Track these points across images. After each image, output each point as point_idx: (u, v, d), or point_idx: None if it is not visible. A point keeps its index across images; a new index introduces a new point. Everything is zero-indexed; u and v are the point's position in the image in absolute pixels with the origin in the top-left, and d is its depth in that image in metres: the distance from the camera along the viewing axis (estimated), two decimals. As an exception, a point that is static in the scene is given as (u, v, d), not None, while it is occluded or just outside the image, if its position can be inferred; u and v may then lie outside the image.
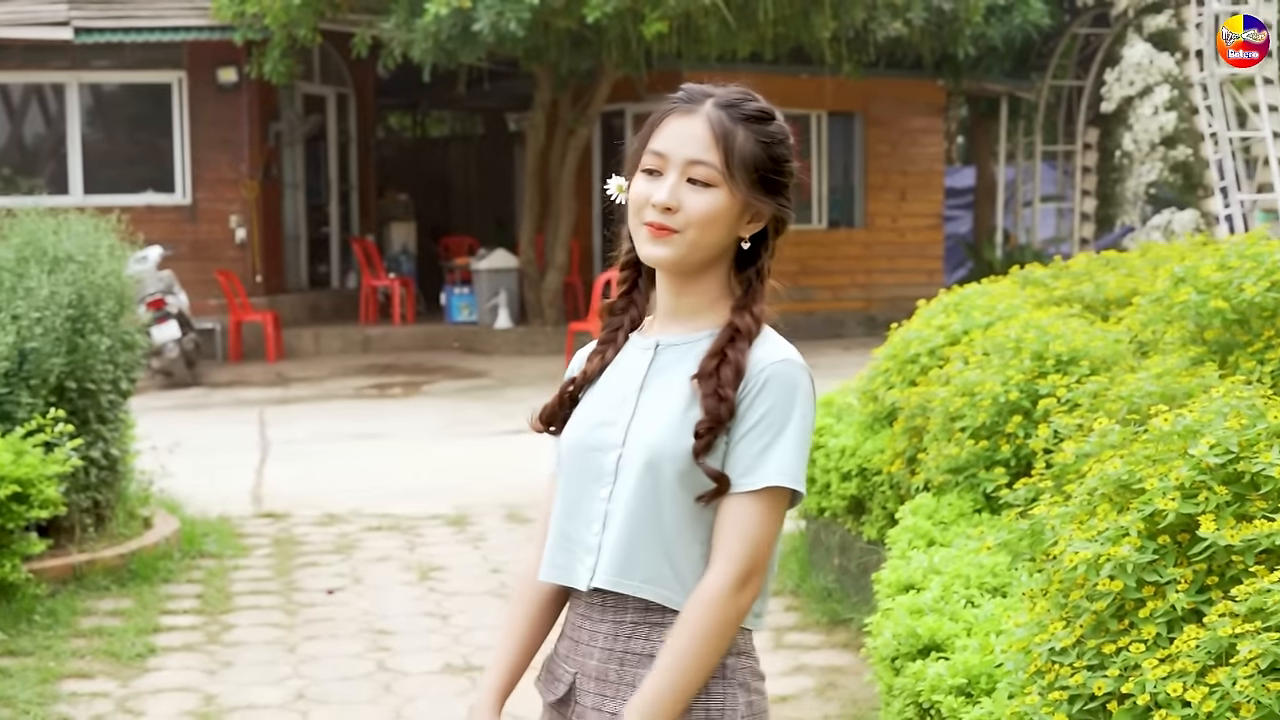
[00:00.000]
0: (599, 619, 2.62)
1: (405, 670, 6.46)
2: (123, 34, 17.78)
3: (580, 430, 2.69)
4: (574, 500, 2.66)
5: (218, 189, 18.87)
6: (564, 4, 15.45)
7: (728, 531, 2.54)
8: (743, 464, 2.54)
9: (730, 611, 2.53)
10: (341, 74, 21.01)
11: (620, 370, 2.72)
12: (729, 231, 2.63)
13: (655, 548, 2.58)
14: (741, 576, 2.53)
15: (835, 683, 6.22)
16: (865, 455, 6.78)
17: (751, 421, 2.55)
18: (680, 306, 2.67)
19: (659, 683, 2.52)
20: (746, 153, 2.61)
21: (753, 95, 2.72)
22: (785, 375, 2.59)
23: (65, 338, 7.75)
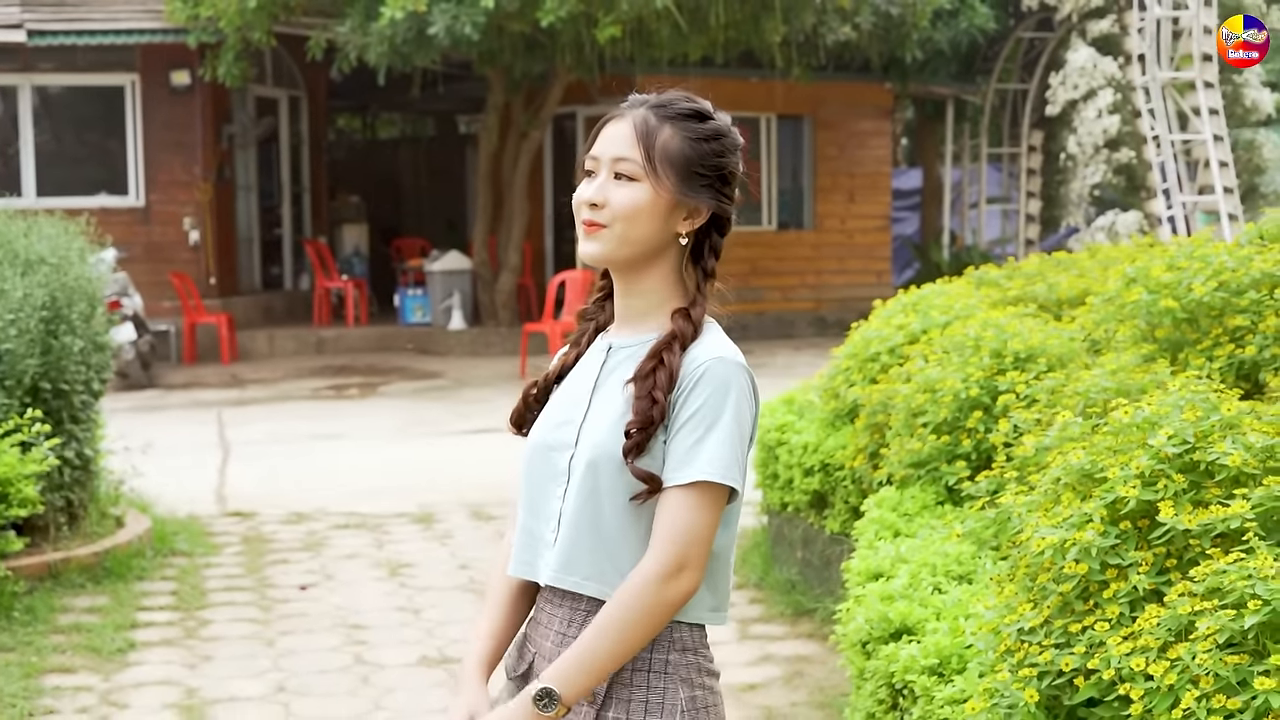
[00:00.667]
0: (557, 605, 2.71)
1: (382, 663, 6.62)
2: (76, 36, 17.84)
3: (542, 431, 2.77)
4: (535, 498, 2.75)
5: (171, 191, 18.93)
6: (518, 8, 15.61)
7: (661, 524, 2.59)
8: (675, 459, 2.60)
9: (655, 599, 2.57)
10: (293, 76, 21.10)
11: (579, 372, 2.80)
12: (659, 226, 2.68)
13: (596, 546, 2.65)
14: (671, 567, 2.57)
15: (802, 671, 6.41)
16: (827, 451, 6.98)
17: (684, 418, 2.60)
18: (631, 308, 2.75)
19: (575, 653, 2.58)
20: (672, 148, 2.69)
21: (689, 97, 2.81)
22: (718, 372, 2.63)
23: (39, 339, 7.86)
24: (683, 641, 2.66)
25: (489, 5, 15.20)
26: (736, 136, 2.80)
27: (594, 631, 2.59)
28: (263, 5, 16.37)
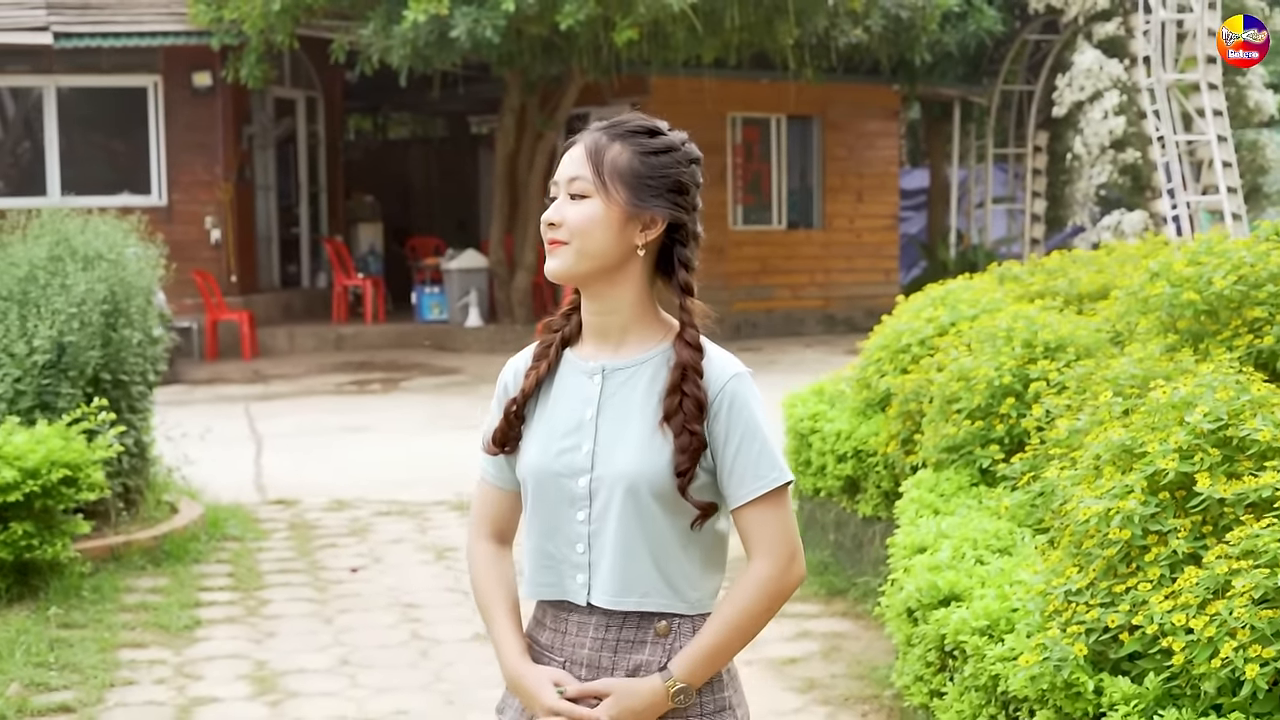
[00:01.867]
0: (586, 615, 2.81)
1: (438, 639, 6.95)
2: (101, 39, 18.16)
3: (543, 457, 2.83)
4: (550, 523, 2.83)
5: (193, 191, 19.26)
6: (537, 11, 15.93)
7: (763, 532, 2.77)
8: (746, 474, 2.76)
9: (782, 587, 2.78)
10: (310, 78, 21.41)
11: (569, 395, 2.85)
12: (614, 238, 2.76)
13: (648, 564, 2.77)
14: (785, 561, 2.78)
15: (838, 646, 6.75)
16: (860, 438, 7.32)
17: (737, 438, 2.76)
18: (604, 324, 2.83)
19: (702, 651, 2.75)
20: (620, 163, 2.76)
21: (643, 118, 2.86)
22: (743, 390, 2.79)
23: (100, 332, 8.20)
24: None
25: (509, 9, 15.53)
26: (691, 150, 2.86)
27: (720, 628, 2.76)
28: (286, 8, 16.70)
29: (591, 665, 2.79)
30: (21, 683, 6.18)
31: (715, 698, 2.81)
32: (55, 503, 7.28)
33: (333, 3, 16.80)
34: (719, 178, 20.66)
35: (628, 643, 2.79)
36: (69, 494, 7.31)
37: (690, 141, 2.87)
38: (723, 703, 2.82)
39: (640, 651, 2.78)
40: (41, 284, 8.32)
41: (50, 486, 7.21)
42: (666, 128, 2.85)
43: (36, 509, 7.24)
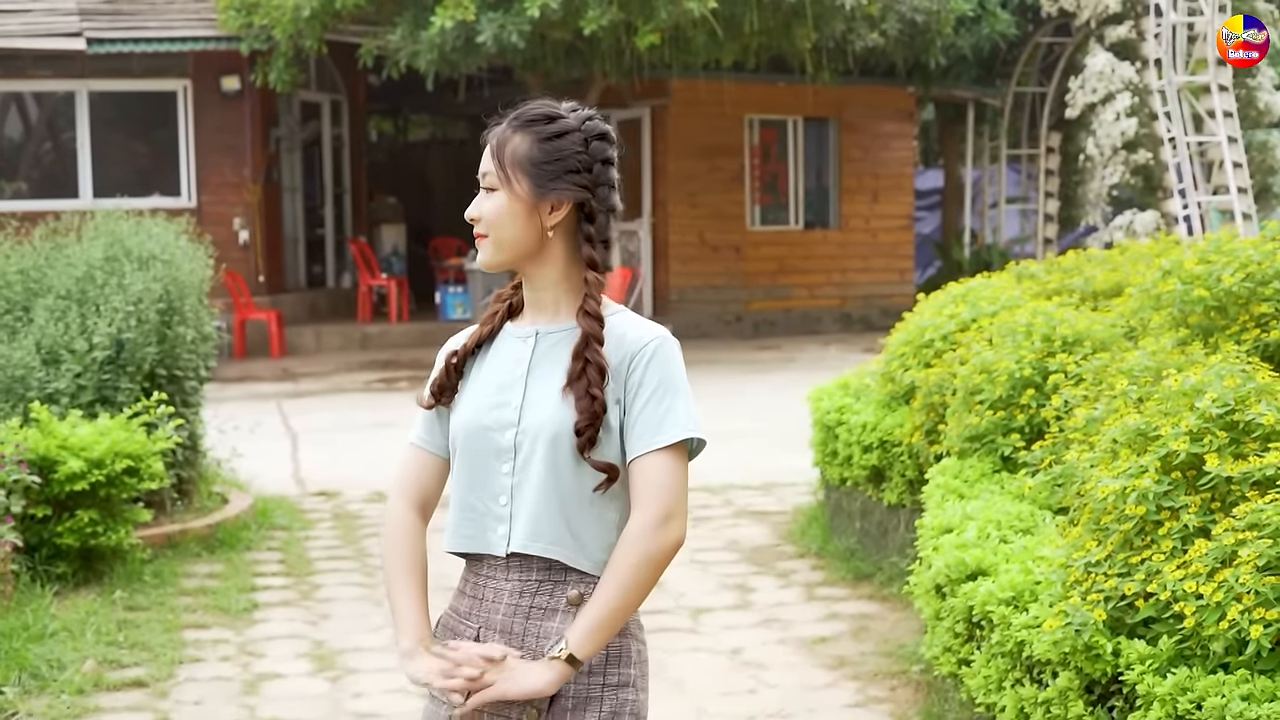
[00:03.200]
0: (504, 578, 2.92)
1: (485, 619, 7.30)
2: (133, 44, 18.53)
3: (474, 412, 2.95)
4: (475, 475, 2.93)
5: (221, 192, 19.64)
6: (561, 17, 16.28)
7: (646, 484, 2.84)
8: (650, 426, 2.85)
9: (653, 547, 2.82)
10: (335, 81, 21.79)
11: (503, 357, 2.98)
12: (524, 225, 2.89)
13: (557, 514, 2.86)
14: (660, 517, 2.81)
15: (866, 626, 7.10)
16: (885, 429, 7.67)
17: (649, 390, 2.86)
18: (539, 299, 2.96)
19: (594, 611, 2.82)
20: (520, 153, 2.88)
21: (544, 104, 2.97)
22: (667, 348, 2.89)
23: (156, 329, 8.57)
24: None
25: (534, 14, 15.89)
26: (593, 128, 2.94)
27: (605, 588, 2.83)
28: (315, 14, 17.08)
29: (504, 631, 2.89)
30: (95, 659, 6.55)
31: (620, 672, 2.89)
32: (118, 492, 7.66)
33: (360, 9, 17.15)
34: (737, 178, 21.03)
35: (540, 610, 2.87)
36: (131, 484, 7.69)
37: (595, 118, 2.95)
38: (626, 678, 2.90)
39: (551, 619, 2.86)
40: (99, 283, 8.69)
41: (114, 476, 7.58)
42: (568, 109, 2.95)
43: (101, 498, 7.62)
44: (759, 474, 10.68)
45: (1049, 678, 4.32)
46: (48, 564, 7.53)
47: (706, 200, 20.81)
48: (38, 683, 6.26)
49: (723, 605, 7.57)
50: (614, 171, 2.96)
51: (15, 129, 20.38)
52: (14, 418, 7.90)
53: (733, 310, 21.08)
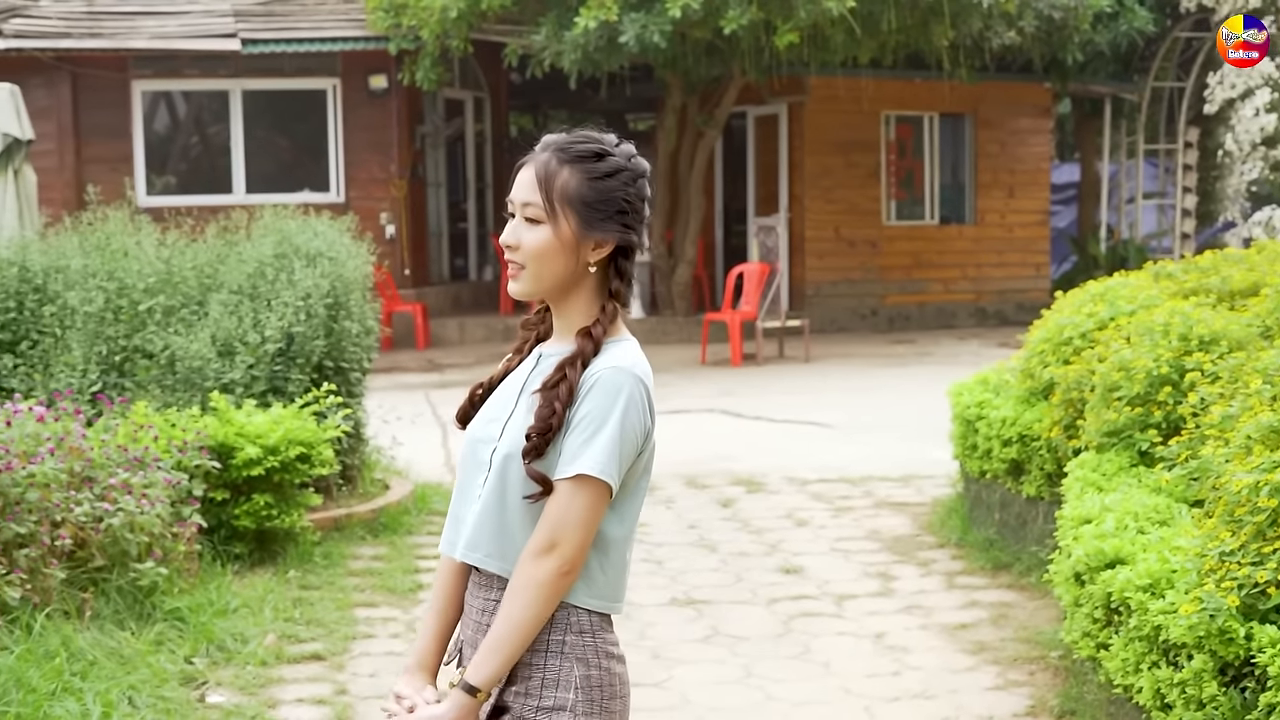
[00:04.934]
0: (475, 594, 2.98)
1: (639, 603, 7.67)
2: (285, 45, 19.14)
3: (475, 426, 3.05)
4: (464, 485, 3.02)
5: (369, 188, 20.20)
6: (701, 17, 16.58)
7: (545, 511, 2.86)
8: (567, 455, 2.85)
9: (528, 574, 2.83)
10: (478, 79, 22.28)
11: (514, 376, 3.06)
12: (567, 260, 2.92)
13: (499, 529, 2.91)
14: (541, 546, 2.83)
15: (1006, 614, 7.36)
16: (1025, 424, 7.92)
17: (578, 419, 2.85)
18: (561, 326, 3.00)
19: (486, 639, 2.88)
20: (570, 190, 2.90)
21: (590, 137, 2.97)
22: (610, 380, 2.87)
23: (324, 323, 9.02)
24: (579, 625, 2.91)
25: (675, 14, 16.21)
26: (637, 166, 2.97)
27: (498, 616, 2.87)
28: (462, 15, 17.54)
29: (471, 645, 2.98)
30: (276, 634, 6.99)
31: (556, 695, 2.89)
32: (291, 477, 8.11)
33: (506, 9, 17.58)
34: (873, 174, 21.23)
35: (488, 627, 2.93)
36: (303, 469, 8.13)
37: (636, 156, 2.98)
38: (562, 702, 2.88)
39: None
40: (270, 279, 9.15)
41: (288, 462, 8.03)
42: (613, 144, 2.96)
43: (275, 482, 8.07)
44: (898, 466, 10.94)
45: (1184, 660, 4.58)
46: (226, 544, 7.99)
47: (842, 196, 21.04)
48: (224, 654, 6.71)
49: (865, 592, 7.87)
50: (648, 209, 3.01)
51: (163, 125, 21.04)
52: (193, 406, 8.38)
53: (868, 305, 21.28)
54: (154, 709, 5.96)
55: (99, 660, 6.21)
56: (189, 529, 7.35)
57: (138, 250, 9.41)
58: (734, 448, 11.89)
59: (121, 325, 8.83)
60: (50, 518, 6.63)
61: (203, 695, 6.27)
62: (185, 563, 7.29)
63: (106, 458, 7.16)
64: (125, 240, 9.52)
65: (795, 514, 9.60)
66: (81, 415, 7.40)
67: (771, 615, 7.49)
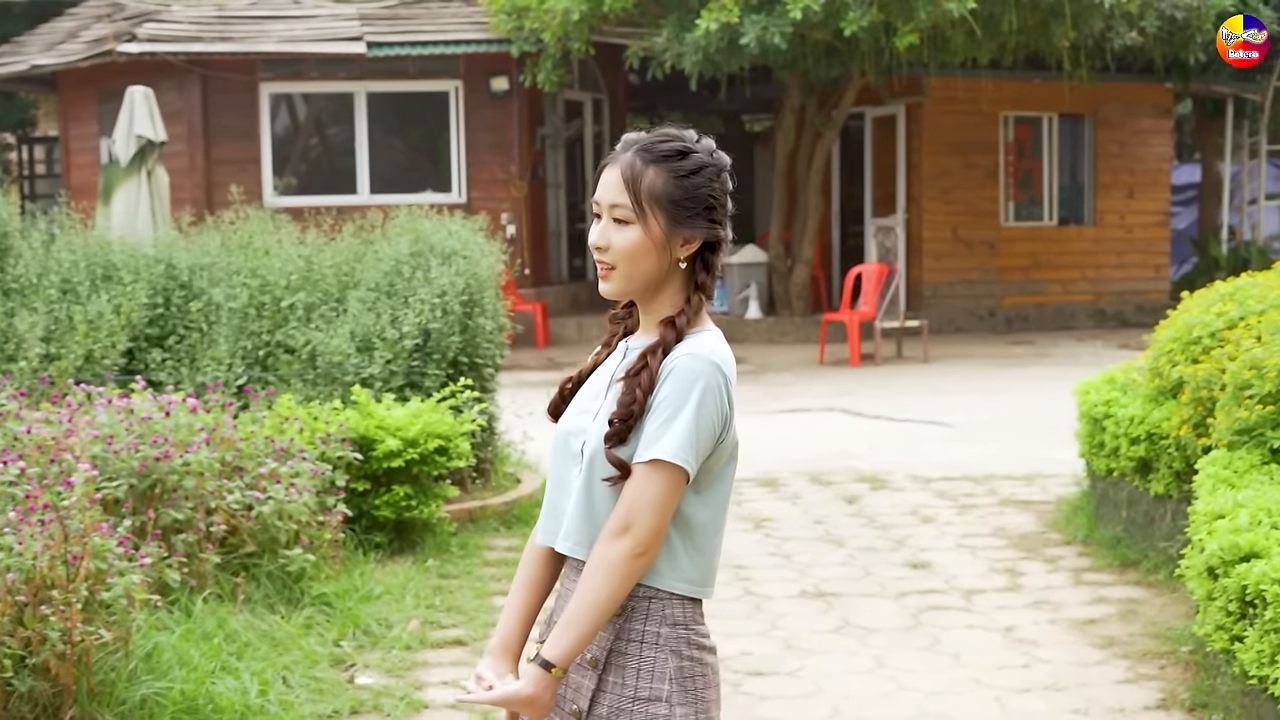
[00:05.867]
0: (572, 578, 3.03)
1: (769, 595, 7.82)
2: (409, 47, 19.47)
3: (566, 419, 3.11)
4: (560, 476, 3.08)
5: (490, 189, 20.50)
6: (821, 18, 16.68)
7: (622, 494, 2.91)
8: (646, 440, 2.90)
9: (604, 553, 2.88)
10: (597, 80, 22.50)
11: (603, 368, 3.11)
12: (658, 258, 2.96)
13: (587, 517, 2.97)
14: (616, 528, 2.88)
15: (1134, 610, 7.43)
16: (1153, 422, 7.97)
17: (657, 405, 2.91)
18: (647, 319, 3.05)
19: (562, 617, 2.92)
20: (656, 189, 2.94)
21: (671, 135, 3.01)
22: (688, 367, 2.91)
23: (459, 320, 9.25)
24: (673, 617, 2.96)
25: (796, 16, 16.32)
26: (720, 161, 3.02)
27: (573, 596, 2.92)
28: (584, 18, 17.76)
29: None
30: (419, 620, 7.21)
31: (652, 687, 2.95)
32: (429, 469, 8.33)
33: (627, 12, 17.78)
34: (991, 175, 21.22)
35: None
36: (441, 462, 8.35)
37: (717, 151, 3.03)
38: (658, 693, 2.94)
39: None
40: (406, 277, 9.40)
41: (426, 455, 8.26)
42: (694, 141, 3.01)
43: (414, 474, 8.30)
44: (1021, 465, 11.00)
45: (1321, 651, 4.66)
46: (367, 534, 8.24)
47: (961, 196, 21.04)
48: (369, 639, 6.94)
49: (993, 587, 7.96)
50: (730, 202, 3.05)
51: (283, 127, 21.43)
52: (333, 400, 8.63)
53: (986, 305, 21.27)
54: (307, 689, 6.19)
55: (253, 641, 6.45)
56: (334, 518, 7.59)
57: (279, 249, 9.70)
58: (856, 446, 12.00)
59: (264, 321, 9.11)
60: (205, 505, 6.90)
61: (352, 677, 6.49)
62: (330, 550, 7.53)
63: (255, 448, 7.42)
64: (267, 239, 9.81)
65: (920, 511, 9.70)
66: (233, 407, 7.67)
67: (900, 608, 7.61)
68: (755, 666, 6.73)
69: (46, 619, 5.29)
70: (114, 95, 16.80)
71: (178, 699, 5.65)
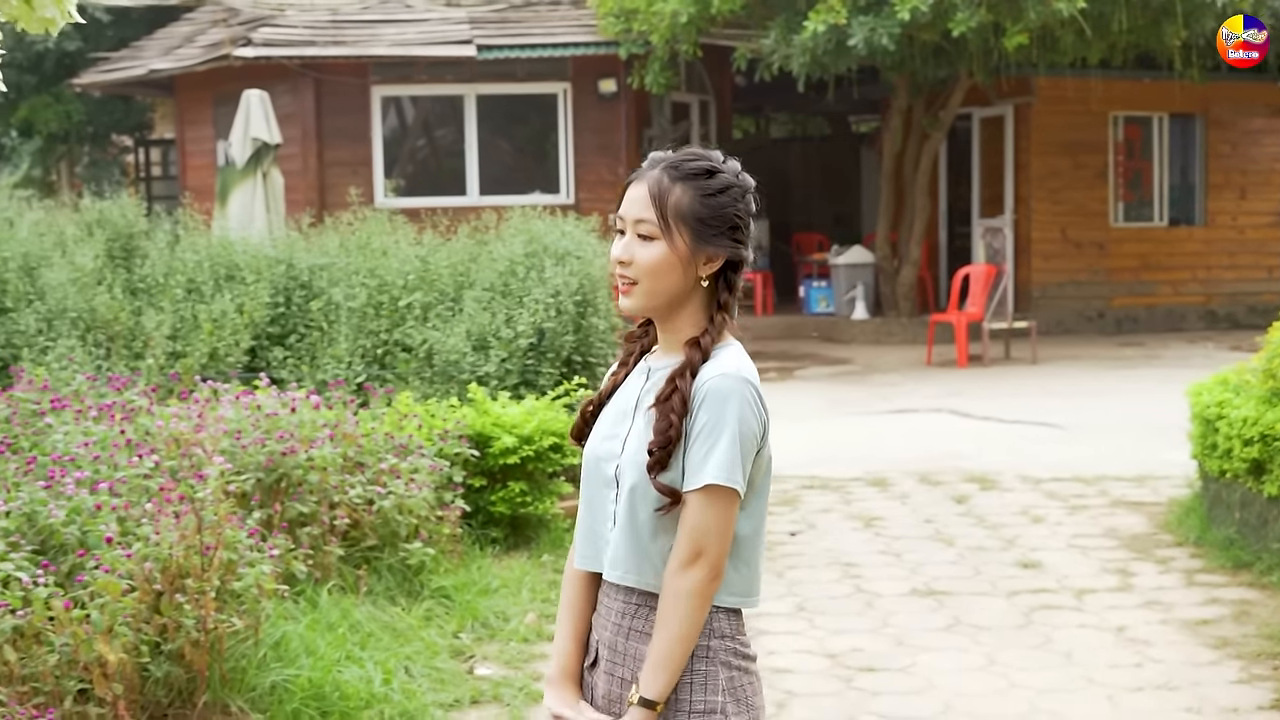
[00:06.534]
0: (614, 597, 3.05)
1: (879, 593, 7.89)
2: (519, 50, 19.68)
3: (594, 442, 3.12)
4: (593, 501, 3.10)
5: (597, 190, 20.65)
6: (930, 19, 16.67)
7: (681, 524, 2.93)
8: (692, 466, 2.92)
9: (681, 586, 2.91)
10: (704, 82, 22.59)
11: (625, 390, 3.12)
12: (682, 275, 2.98)
13: (635, 545, 2.99)
14: (686, 558, 2.91)
15: (1247, 611, 7.43)
16: (1267, 424, 7.95)
17: (698, 429, 2.91)
18: (668, 340, 3.06)
19: (651, 651, 2.95)
20: (683, 207, 2.96)
21: (698, 155, 3.03)
22: (719, 389, 2.92)
23: (573, 319, 9.39)
24: (720, 629, 2.98)
25: (904, 17, 16.32)
26: (745, 182, 3.05)
27: (655, 633, 2.95)
28: (692, 20, 17.87)
29: (611, 648, 3.07)
30: (535, 614, 7.35)
31: (705, 700, 2.97)
32: (544, 466, 8.48)
33: (734, 14, 17.87)
34: (1100, 175, 21.09)
35: (637, 632, 3.02)
36: (555, 459, 8.50)
37: (743, 172, 3.07)
38: (712, 705, 2.97)
39: (645, 643, 3.00)
40: (520, 277, 9.56)
41: (541, 452, 8.40)
42: (721, 161, 3.04)
43: (529, 471, 8.45)
44: (1131, 466, 10.98)
45: None
46: (483, 529, 8.40)
47: (1069, 197, 20.94)
48: (488, 631, 7.09)
49: (1105, 587, 7.98)
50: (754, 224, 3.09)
51: (390, 129, 21.68)
52: (450, 397, 8.80)
53: (1095, 307, 21.14)
54: (429, 678, 6.35)
55: (375, 632, 6.62)
56: (452, 513, 7.75)
57: (396, 249, 9.89)
58: (964, 446, 12.01)
59: (383, 320, 9.30)
60: (328, 499, 7.08)
61: (471, 668, 6.65)
62: (449, 544, 7.69)
63: (376, 444, 7.60)
64: (384, 240, 10.00)
65: (1030, 511, 9.71)
66: (353, 404, 7.85)
67: (1011, 607, 7.65)
68: (866, 663, 6.81)
69: (181, 607, 5.48)
70: (229, 99, 17.16)
71: (305, 686, 5.82)
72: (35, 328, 9.12)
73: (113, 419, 7.07)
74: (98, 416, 7.09)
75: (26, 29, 2.79)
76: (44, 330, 9.14)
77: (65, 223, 11.09)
